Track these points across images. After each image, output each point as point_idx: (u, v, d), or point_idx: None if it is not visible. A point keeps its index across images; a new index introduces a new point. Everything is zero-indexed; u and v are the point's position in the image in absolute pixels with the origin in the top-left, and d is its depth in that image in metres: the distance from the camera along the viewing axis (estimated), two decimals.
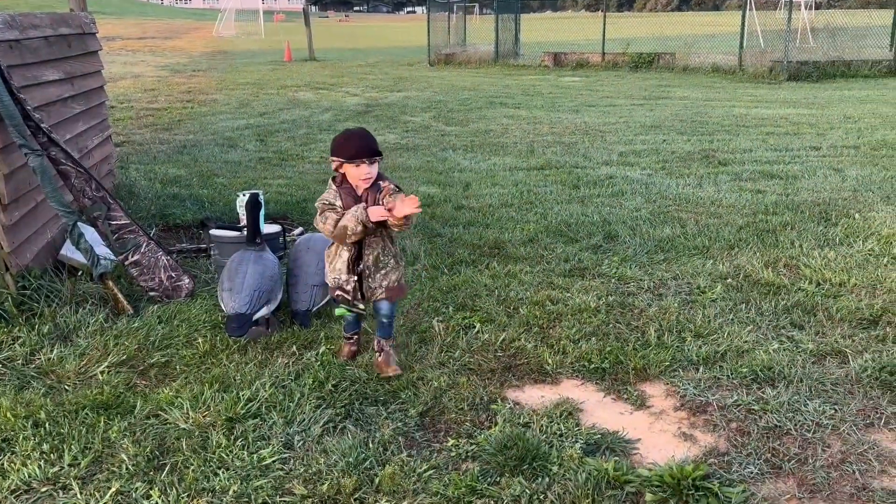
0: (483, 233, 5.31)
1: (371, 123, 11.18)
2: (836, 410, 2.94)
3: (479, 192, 6.64)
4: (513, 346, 3.53)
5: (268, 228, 4.62)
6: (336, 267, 3.16)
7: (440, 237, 5.24)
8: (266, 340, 3.55)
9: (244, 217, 4.23)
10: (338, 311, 3.28)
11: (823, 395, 3.06)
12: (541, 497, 2.42)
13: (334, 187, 3.07)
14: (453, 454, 2.68)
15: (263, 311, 3.59)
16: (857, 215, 5.62)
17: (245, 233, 4.09)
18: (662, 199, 6.32)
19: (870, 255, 4.75)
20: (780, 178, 7.02)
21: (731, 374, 3.24)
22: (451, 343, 3.54)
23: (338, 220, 2.98)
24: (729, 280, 4.35)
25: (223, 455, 2.65)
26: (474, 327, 3.73)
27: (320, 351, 3.41)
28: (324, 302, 3.82)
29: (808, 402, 3.00)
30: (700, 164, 7.74)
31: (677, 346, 3.49)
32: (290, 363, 3.32)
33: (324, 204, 3.04)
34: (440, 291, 4.19)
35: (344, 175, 3.04)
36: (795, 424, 2.84)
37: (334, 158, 3.00)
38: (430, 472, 2.56)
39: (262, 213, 4.19)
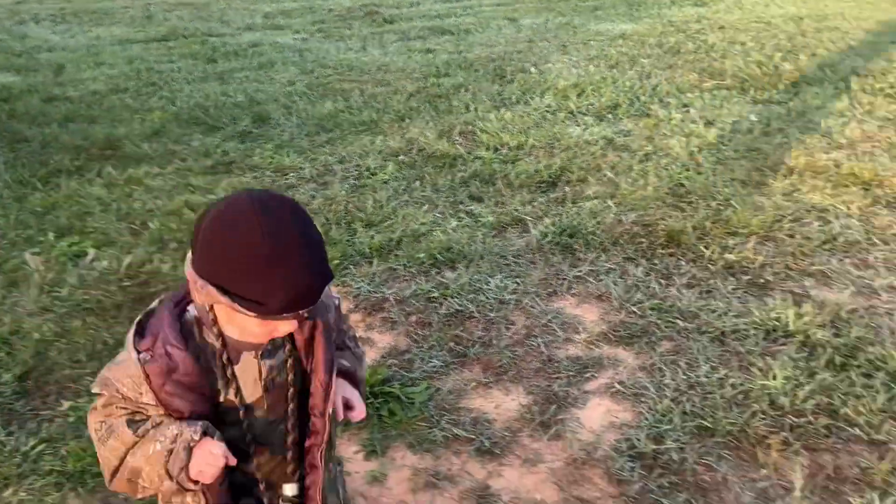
0: (89, 130, 5.06)
1: None
2: (518, 284, 3.34)
3: (77, 76, 6.26)
4: (144, 271, 3.43)
5: None
6: None
7: (27, 142, 4.89)
8: None
9: None
10: None
11: (505, 269, 3.46)
12: None
13: (149, 354, 1.37)
14: (72, 419, 2.57)
15: None
16: (532, 69, 6.27)
17: None
18: (321, 67, 6.45)
19: (547, 111, 5.36)
20: (452, 33, 7.53)
21: (408, 262, 3.50)
22: (55, 280, 3.36)
23: (132, 447, 1.40)
24: (401, 157, 4.63)
25: None
26: (87, 254, 3.57)
27: None
28: None
29: (489, 279, 3.36)
30: (363, 23, 7.99)
31: (347, 240, 3.67)
32: None
33: (112, 396, 1.41)
34: (33, 214, 3.94)
35: (203, 315, 1.40)
36: (478, 306, 3.18)
37: (217, 293, 1.29)
38: (41, 447, 2.44)
39: None
